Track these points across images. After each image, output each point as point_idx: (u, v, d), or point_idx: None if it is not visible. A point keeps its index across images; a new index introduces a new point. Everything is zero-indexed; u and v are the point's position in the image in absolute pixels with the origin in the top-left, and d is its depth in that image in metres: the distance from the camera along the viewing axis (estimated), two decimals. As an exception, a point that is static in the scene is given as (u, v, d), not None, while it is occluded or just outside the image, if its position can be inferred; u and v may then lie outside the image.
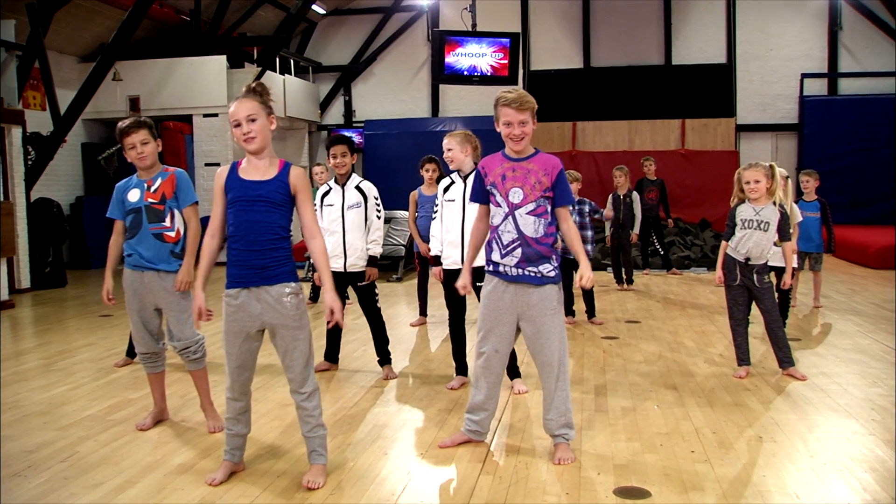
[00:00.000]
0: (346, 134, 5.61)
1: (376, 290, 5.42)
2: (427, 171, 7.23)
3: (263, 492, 3.38)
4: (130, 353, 5.92)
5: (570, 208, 3.80)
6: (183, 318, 4.21)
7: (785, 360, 5.25)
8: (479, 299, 3.89)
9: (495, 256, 3.70)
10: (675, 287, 9.69)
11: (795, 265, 6.24)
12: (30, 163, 10.52)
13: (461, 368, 5.15)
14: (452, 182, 4.94)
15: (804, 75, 15.27)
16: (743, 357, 5.29)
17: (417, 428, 4.28)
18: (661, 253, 11.05)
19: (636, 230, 9.63)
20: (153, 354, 4.32)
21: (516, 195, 3.60)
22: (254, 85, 3.39)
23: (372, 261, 5.32)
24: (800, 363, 5.46)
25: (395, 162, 14.65)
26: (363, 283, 5.34)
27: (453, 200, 4.87)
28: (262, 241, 3.34)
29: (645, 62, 15.88)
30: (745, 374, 5.22)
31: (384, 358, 5.44)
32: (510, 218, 3.62)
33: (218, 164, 13.11)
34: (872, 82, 15.22)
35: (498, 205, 3.65)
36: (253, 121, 3.30)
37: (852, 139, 14.80)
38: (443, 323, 7.38)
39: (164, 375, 4.44)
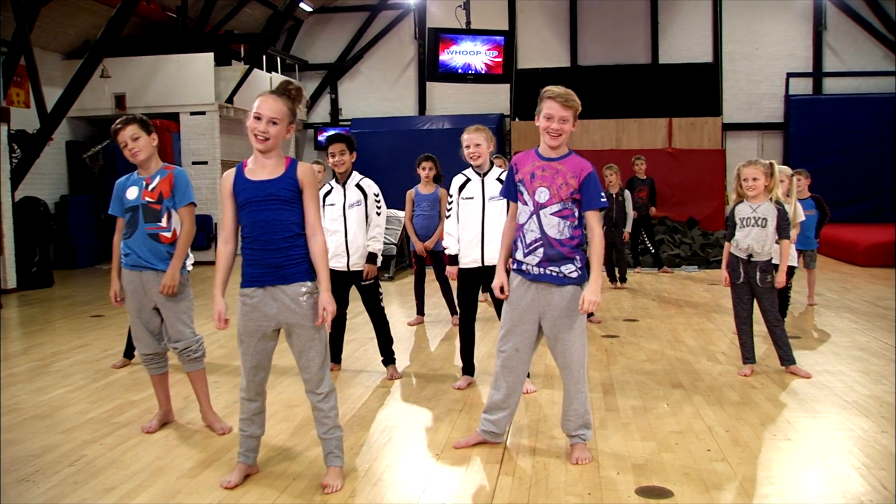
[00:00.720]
0: (344, 132, 5.53)
1: (380, 290, 5.36)
2: (424, 169, 7.18)
3: (282, 494, 3.33)
4: (128, 353, 5.83)
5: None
6: (182, 318, 4.14)
7: (786, 358, 5.27)
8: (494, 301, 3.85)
9: (518, 255, 3.67)
10: (668, 285, 9.71)
11: (795, 264, 6.28)
12: (15, 161, 10.35)
13: (468, 368, 5.11)
14: (468, 179, 4.89)
15: (790, 74, 15.40)
16: (748, 355, 5.30)
17: (428, 428, 4.24)
18: (652, 251, 11.08)
19: (628, 228, 9.65)
20: (155, 355, 4.25)
21: (542, 195, 3.57)
22: (292, 87, 3.31)
23: (371, 258, 5.25)
24: (802, 361, 5.47)
25: (383, 160, 14.56)
26: (366, 283, 5.28)
27: (472, 198, 4.82)
28: (277, 239, 3.28)
29: (632, 61, 15.95)
30: (751, 373, 5.23)
31: (388, 358, 5.39)
32: (534, 217, 3.59)
33: (205, 163, 13.00)
34: (857, 82, 15.39)
35: (525, 203, 3.62)
36: (274, 124, 3.24)
37: (837, 138, 14.96)
38: (440, 322, 7.36)
39: (167, 377, 4.36)
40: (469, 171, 4.91)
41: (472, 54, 11.42)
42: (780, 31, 15.63)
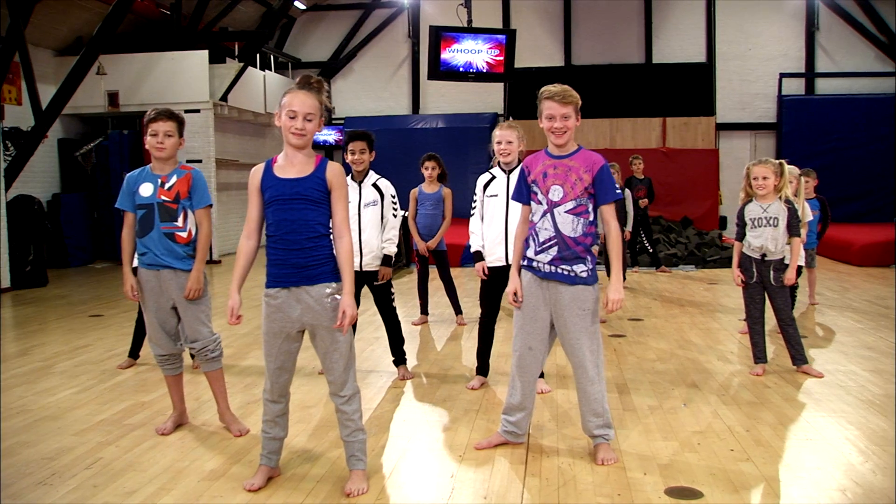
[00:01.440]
0: (365, 130, 5.49)
1: (392, 290, 5.33)
2: (427, 168, 7.15)
3: (307, 496, 3.29)
4: (133, 353, 5.77)
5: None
6: (200, 317, 4.09)
7: (798, 357, 5.28)
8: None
9: (530, 252, 3.65)
10: (667, 284, 9.73)
11: (803, 263, 6.30)
12: (8, 159, 10.21)
13: (482, 368, 5.08)
14: (493, 177, 4.85)
15: (782, 75, 15.48)
16: (760, 355, 5.30)
17: (447, 429, 4.20)
18: (650, 251, 11.10)
19: (629, 227, 9.64)
20: (171, 356, 4.19)
21: (556, 193, 3.55)
22: (314, 81, 3.28)
23: (386, 260, 5.21)
24: (812, 361, 5.48)
25: (377, 159, 14.48)
26: (378, 283, 5.24)
27: (496, 195, 4.78)
28: (302, 239, 3.23)
29: (626, 61, 15.97)
30: (762, 372, 5.23)
31: (399, 358, 5.35)
32: (548, 215, 3.57)
33: (200, 161, 12.89)
34: (848, 82, 15.49)
35: (539, 202, 3.61)
36: (309, 120, 3.21)
37: (829, 138, 15.05)
38: (445, 321, 7.33)
39: (182, 377, 4.30)
40: (495, 169, 4.87)
41: (473, 53, 11.38)
42: (772, 32, 15.71)
